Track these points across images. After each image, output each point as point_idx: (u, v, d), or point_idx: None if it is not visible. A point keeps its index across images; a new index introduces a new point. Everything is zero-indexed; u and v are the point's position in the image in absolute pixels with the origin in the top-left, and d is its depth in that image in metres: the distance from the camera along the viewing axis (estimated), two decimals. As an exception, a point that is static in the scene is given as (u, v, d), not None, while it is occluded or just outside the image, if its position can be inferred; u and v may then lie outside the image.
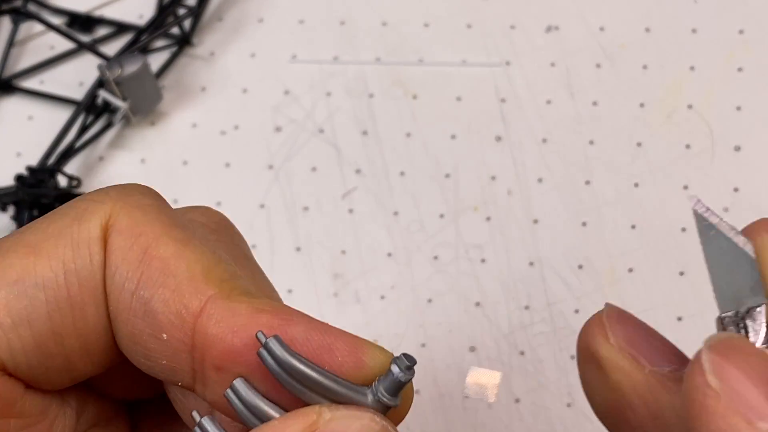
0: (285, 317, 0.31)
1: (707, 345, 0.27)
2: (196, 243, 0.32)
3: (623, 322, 0.33)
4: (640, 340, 0.32)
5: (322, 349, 0.30)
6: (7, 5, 0.61)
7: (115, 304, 0.32)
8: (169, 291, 0.31)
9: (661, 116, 0.56)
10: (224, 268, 0.32)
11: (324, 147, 0.57)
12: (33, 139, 0.58)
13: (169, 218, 0.33)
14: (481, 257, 0.53)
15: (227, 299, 0.31)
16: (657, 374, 0.31)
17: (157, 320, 0.31)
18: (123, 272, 0.32)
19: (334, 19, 0.60)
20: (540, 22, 0.59)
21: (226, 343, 0.31)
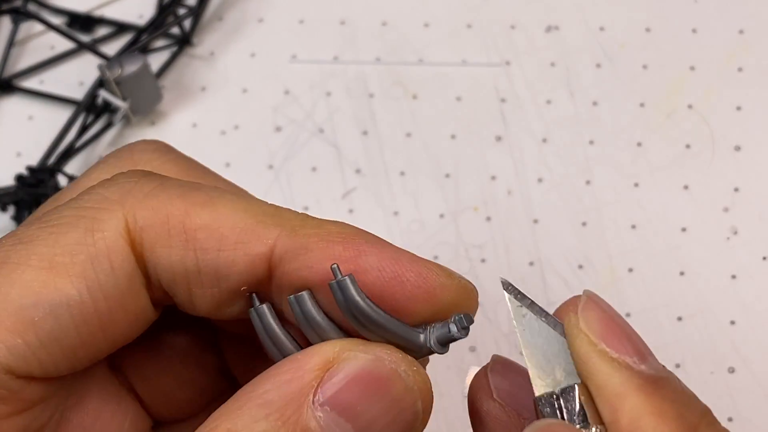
0: (356, 247, 0.31)
1: (529, 431, 0.29)
2: (219, 196, 0.32)
3: (507, 373, 0.34)
4: (522, 392, 0.33)
5: (394, 280, 0.31)
6: (7, 5, 0.61)
7: (184, 288, 0.32)
8: (229, 251, 0.31)
9: (661, 116, 0.56)
10: (263, 206, 0.32)
11: (324, 147, 0.57)
12: (33, 139, 0.58)
13: (179, 188, 0.33)
14: (481, 257, 0.53)
15: (294, 234, 0.32)
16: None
17: (233, 281, 0.32)
18: (176, 260, 0.32)
19: (334, 19, 0.60)
20: (540, 22, 0.59)
21: (302, 281, 0.31)
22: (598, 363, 0.30)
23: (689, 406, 0.30)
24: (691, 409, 0.30)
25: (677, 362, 0.50)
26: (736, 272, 0.52)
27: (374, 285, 0.31)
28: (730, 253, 0.53)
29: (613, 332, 0.30)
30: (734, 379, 0.50)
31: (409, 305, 0.31)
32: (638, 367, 0.30)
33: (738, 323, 0.51)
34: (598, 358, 0.30)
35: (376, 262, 0.31)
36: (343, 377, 0.30)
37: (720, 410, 0.49)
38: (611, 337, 0.30)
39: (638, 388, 0.29)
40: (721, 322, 0.51)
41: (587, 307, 0.31)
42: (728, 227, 0.53)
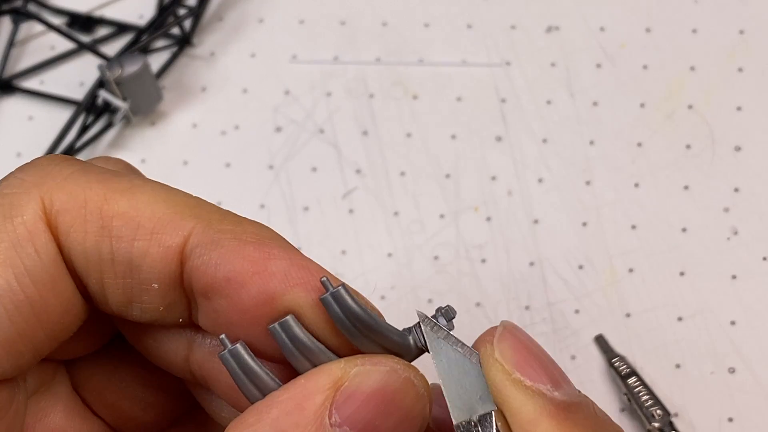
0: (267, 250, 0.31)
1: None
2: (141, 184, 0.32)
3: (441, 401, 0.34)
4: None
5: (300, 286, 0.31)
6: (8, 5, 0.61)
7: (96, 276, 0.31)
8: (144, 241, 0.31)
9: (661, 116, 0.56)
10: (185, 198, 0.32)
11: (324, 147, 0.57)
12: (33, 139, 0.58)
13: (99, 174, 0.32)
14: (481, 257, 0.53)
15: (208, 229, 0.31)
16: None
17: (144, 272, 0.31)
18: (90, 246, 0.31)
19: (334, 19, 0.60)
20: (540, 22, 0.59)
21: (209, 276, 0.31)
22: (512, 391, 0.31)
23: (601, 430, 0.31)
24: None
25: (677, 362, 0.50)
26: (736, 272, 0.52)
27: (276, 289, 0.30)
28: (730, 253, 0.53)
29: (527, 361, 0.31)
30: (734, 379, 0.50)
31: (310, 311, 0.31)
32: (551, 394, 0.31)
33: (738, 323, 0.51)
34: (512, 386, 0.31)
35: (285, 267, 0.31)
36: (360, 394, 0.30)
37: (720, 410, 0.49)
38: (525, 366, 0.31)
39: (550, 415, 0.30)
40: (721, 322, 0.51)
41: (503, 337, 0.32)
42: (728, 227, 0.53)
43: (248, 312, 0.31)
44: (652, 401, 0.48)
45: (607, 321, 0.52)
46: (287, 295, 0.31)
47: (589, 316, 0.52)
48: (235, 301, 0.31)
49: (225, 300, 0.31)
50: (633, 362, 0.50)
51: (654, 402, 0.48)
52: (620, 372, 0.49)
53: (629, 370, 0.49)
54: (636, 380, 0.49)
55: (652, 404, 0.48)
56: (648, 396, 0.49)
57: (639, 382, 0.49)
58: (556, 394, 0.31)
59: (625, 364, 0.50)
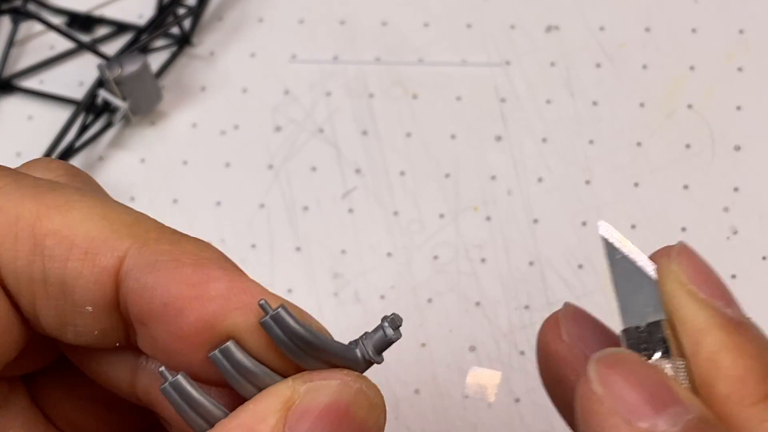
0: (206, 272, 0.29)
1: (594, 359, 0.30)
2: (78, 200, 0.30)
3: (577, 319, 0.35)
4: (590, 336, 0.34)
5: (239, 310, 0.29)
6: (7, 5, 0.61)
7: (28, 297, 0.30)
8: (77, 261, 0.29)
9: (661, 116, 0.56)
10: (122, 215, 0.30)
11: (324, 147, 0.57)
12: (33, 138, 0.58)
13: (33, 187, 0.30)
14: (481, 257, 0.53)
15: (144, 249, 0.29)
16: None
17: (77, 295, 0.30)
18: (22, 266, 0.30)
19: (334, 19, 0.60)
20: (540, 22, 0.59)
21: (145, 302, 0.29)
22: (685, 300, 0.31)
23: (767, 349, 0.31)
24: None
25: (677, 362, 0.50)
26: (736, 272, 0.52)
27: (218, 313, 0.29)
28: (730, 253, 0.52)
29: (703, 277, 0.31)
30: (734, 379, 0.50)
31: (252, 336, 0.30)
32: (724, 309, 0.31)
33: (738, 323, 0.51)
34: (686, 296, 0.31)
35: (224, 290, 0.29)
36: (312, 411, 0.29)
37: (720, 410, 0.49)
38: (701, 281, 0.31)
39: (721, 327, 0.30)
40: (721, 322, 0.51)
41: (682, 253, 0.32)
42: (728, 227, 0.53)
43: (187, 339, 0.29)
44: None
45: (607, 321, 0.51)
46: (227, 320, 0.29)
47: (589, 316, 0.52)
48: (174, 328, 0.29)
49: (162, 326, 0.29)
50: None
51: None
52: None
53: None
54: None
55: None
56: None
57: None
58: (728, 311, 0.31)
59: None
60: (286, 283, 0.53)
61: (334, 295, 0.53)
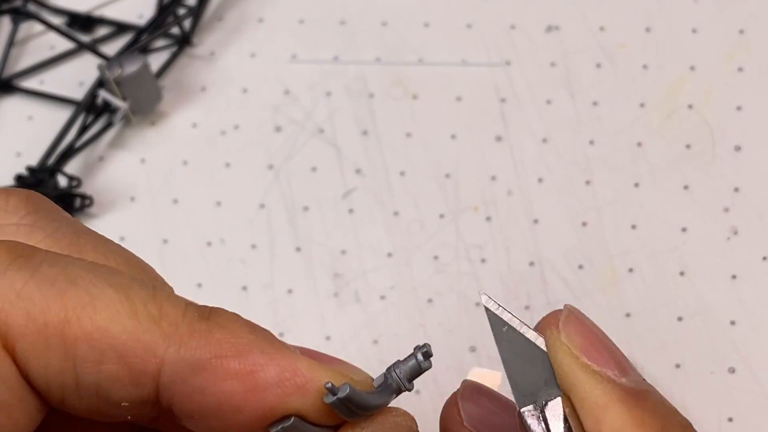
0: (252, 361, 0.29)
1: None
2: (98, 293, 0.29)
3: (477, 399, 0.33)
4: (491, 416, 0.33)
5: (296, 393, 0.29)
6: (7, 5, 0.61)
7: (57, 397, 0.29)
8: (112, 365, 0.28)
9: (661, 116, 0.56)
10: (146, 303, 0.29)
11: (324, 147, 0.57)
12: (33, 139, 0.58)
13: (53, 283, 0.29)
14: (481, 257, 0.53)
15: (183, 350, 0.28)
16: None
17: (112, 394, 0.29)
18: (53, 373, 0.29)
19: (334, 19, 0.60)
20: (540, 22, 0.59)
21: (195, 403, 0.29)
22: (580, 375, 0.30)
23: (670, 419, 0.30)
24: (672, 421, 0.30)
25: (677, 362, 0.50)
26: (736, 272, 0.52)
27: (275, 401, 0.29)
28: (730, 253, 0.52)
29: (594, 346, 0.31)
30: (734, 379, 0.50)
31: (307, 410, 0.30)
32: (619, 380, 0.30)
33: (738, 323, 0.51)
34: (580, 371, 0.30)
35: (276, 376, 0.29)
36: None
37: (720, 410, 0.49)
38: (592, 351, 0.31)
39: (620, 400, 0.30)
40: (721, 322, 0.51)
41: (568, 321, 0.31)
42: (728, 227, 0.53)
43: (247, 427, 0.29)
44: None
45: (606, 321, 0.51)
46: (286, 404, 0.29)
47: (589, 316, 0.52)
48: (232, 422, 0.29)
49: (219, 422, 0.29)
50: (633, 362, 0.50)
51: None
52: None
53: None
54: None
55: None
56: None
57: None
58: (624, 381, 0.30)
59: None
60: (286, 284, 0.53)
61: (334, 296, 0.53)
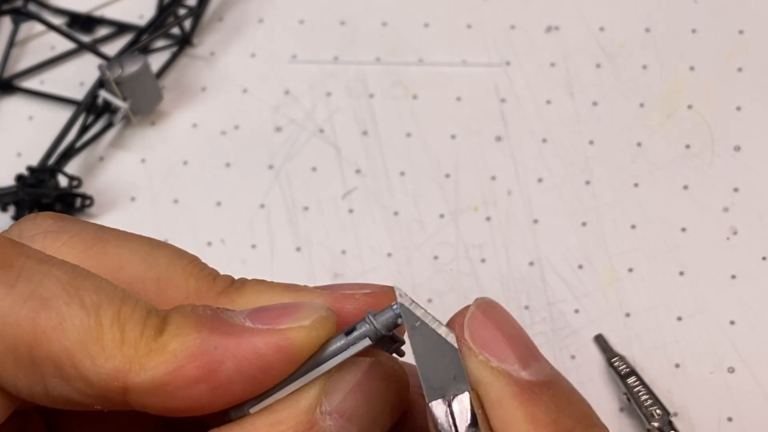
0: (208, 359, 0.30)
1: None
2: (71, 316, 0.30)
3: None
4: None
5: (260, 374, 0.30)
6: (8, 5, 0.61)
7: (31, 402, 0.31)
8: (79, 382, 0.30)
9: (661, 116, 0.56)
10: (111, 328, 0.30)
11: (324, 147, 0.57)
12: (33, 139, 0.58)
13: (26, 302, 0.30)
14: (481, 257, 0.53)
15: (142, 370, 0.30)
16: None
17: (84, 403, 0.31)
18: (23, 386, 0.30)
19: (334, 19, 0.60)
20: (540, 22, 0.59)
21: (167, 410, 0.30)
22: (480, 372, 0.31)
23: (566, 411, 0.31)
24: (568, 414, 0.31)
25: (677, 362, 0.50)
26: (736, 272, 0.52)
27: (242, 388, 0.30)
28: (730, 253, 0.53)
29: (495, 340, 0.31)
30: (734, 379, 0.50)
31: (279, 380, 0.31)
32: (518, 374, 0.31)
33: (738, 323, 0.51)
34: (480, 368, 0.31)
35: (235, 367, 0.30)
36: (345, 385, 0.31)
37: (720, 410, 0.49)
38: (492, 345, 0.31)
39: (513, 396, 0.30)
40: (721, 322, 0.51)
41: (474, 316, 0.32)
42: (728, 227, 0.53)
43: (225, 408, 0.31)
44: (651, 401, 0.48)
45: (606, 321, 0.52)
46: (255, 388, 0.31)
47: (589, 316, 0.52)
48: (209, 414, 0.31)
49: (196, 416, 0.31)
50: (632, 362, 0.50)
51: (653, 401, 0.48)
52: (620, 371, 0.49)
53: (629, 370, 0.49)
54: (635, 380, 0.49)
55: (651, 404, 0.48)
56: (647, 395, 0.49)
57: (638, 381, 0.49)
58: (523, 374, 0.31)
59: (624, 364, 0.50)
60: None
61: (334, 295, 0.53)
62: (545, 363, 0.32)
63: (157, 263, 0.33)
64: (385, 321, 0.32)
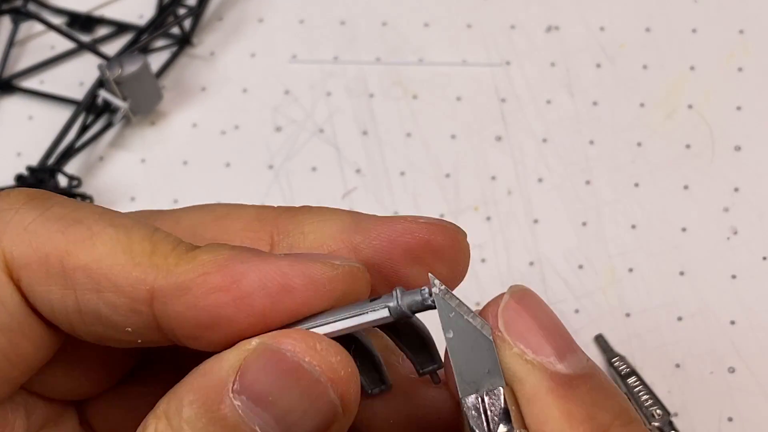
0: (232, 272, 0.30)
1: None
2: (100, 231, 0.31)
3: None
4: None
5: (282, 293, 0.30)
6: (7, 5, 0.61)
7: (65, 323, 0.31)
8: (109, 293, 0.31)
9: (661, 116, 0.56)
10: (142, 242, 0.31)
11: (324, 147, 0.57)
12: (33, 139, 0.58)
13: (59, 222, 0.31)
14: (481, 257, 0.53)
15: (169, 276, 0.30)
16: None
17: (114, 321, 0.31)
18: (56, 299, 0.31)
19: (334, 19, 0.60)
20: (540, 22, 0.59)
21: (191, 321, 0.30)
22: (515, 365, 0.30)
23: (603, 406, 0.30)
24: (605, 408, 0.30)
25: (677, 362, 0.50)
26: (736, 272, 0.52)
27: (263, 304, 0.30)
28: (730, 253, 0.52)
29: (531, 331, 0.30)
30: (734, 379, 0.50)
31: (302, 309, 0.31)
32: (554, 367, 0.30)
33: (738, 323, 0.51)
34: (514, 361, 0.30)
35: (258, 280, 0.30)
36: (259, 364, 0.30)
37: (720, 410, 0.49)
38: (528, 337, 0.30)
39: (549, 391, 0.29)
40: (721, 322, 0.51)
41: (508, 306, 0.31)
42: (728, 227, 0.53)
43: (247, 334, 0.31)
44: (651, 401, 0.48)
45: (606, 321, 0.52)
46: (277, 307, 0.30)
47: (589, 316, 0.52)
48: (230, 334, 0.30)
49: (217, 335, 0.31)
50: (633, 362, 0.50)
51: (654, 402, 0.48)
52: (620, 372, 0.49)
53: (629, 370, 0.49)
54: (636, 380, 0.49)
55: (651, 404, 0.48)
56: (648, 396, 0.49)
57: (639, 381, 0.49)
58: (560, 367, 0.30)
59: (624, 364, 0.50)
60: (286, 283, 0.53)
61: (334, 295, 0.53)
62: (582, 354, 0.30)
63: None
64: (411, 301, 0.31)
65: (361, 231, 0.33)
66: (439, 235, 0.32)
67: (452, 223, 0.33)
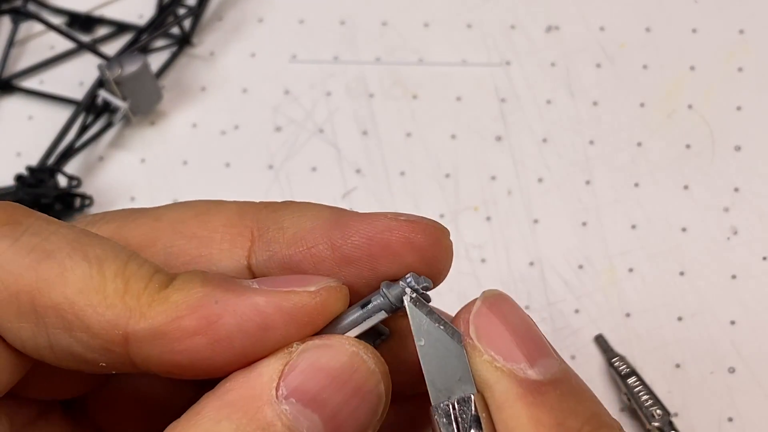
0: (206, 313, 0.30)
1: None
2: (72, 266, 0.30)
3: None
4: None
5: (260, 332, 0.30)
6: (7, 5, 0.61)
7: (38, 356, 0.31)
8: (81, 333, 0.30)
9: (661, 116, 0.56)
10: (114, 279, 0.30)
11: (324, 147, 0.57)
12: (33, 139, 0.58)
13: (29, 253, 0.30)
14: (481, 257, 0.53)
15: (142, 319, 0.30)
16: None
17: (87, 359, 0.30)
18: (27, 337, 0.30)
19: (334, 19, 0.60)
20: (540, 22, 0.59)
21: (167, 364, 0.30)
22: (485, 372, 0.30)
23: (573, 412, 0.30)
24: (575, 414, 0.30)
25: (677, 362, 0.50)
26: (736, 272, 0.52)
27: (242, 344, 0.30)
28: (730, 253, 0.52)
29: (503, 338, 0.30)
30: (734, 379, 0.50)
31: (283, 343, 0.30)
32: (524, 373, 0.30)
33: (738, 323, 0.51)
34: (485, 368, 0.30)
35: (235, 323, 0.30)
36: (305, 368, 0.29)
37: (720, 410, 0.49)
38: (500, 344, 0.30)
39: (518, 398, 0.29)
40: (721, 322, 0.51)
41: (479, 313, 0.31)
42: (728, 227, 0.53)
43: (231, 371, 0.30)
44: (651, 401, 0.48)
45: (606, 321, 0.52)
46: (257, 348, 0.30)
47: (589, 316, 0.52)
48: (210, 372, 0.30)
49: (196, 373, 0.30)
50: (633, 362, 0.50)
51: (654, 402, 0.48)
52: (620, 372, 0.49)
53: (629, 370, 0.49)
54: (636, 380, 0.49)
55: (651, 404, 0.48)
56: (648, 396, 0.49)
57: (639, 381, 0.49)
58: (530, 373, 0.30)
59: (624, 364, 0.50)
60: (286, 283, 0.53)
61: (334, 295, 0.53)
62: (554, 359, 0.30)
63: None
64: (398, 294, 0.31)
65: (340, 227, 0.32)
66: (420, 234, 0.32)
67: (434, 221, 0.33)
